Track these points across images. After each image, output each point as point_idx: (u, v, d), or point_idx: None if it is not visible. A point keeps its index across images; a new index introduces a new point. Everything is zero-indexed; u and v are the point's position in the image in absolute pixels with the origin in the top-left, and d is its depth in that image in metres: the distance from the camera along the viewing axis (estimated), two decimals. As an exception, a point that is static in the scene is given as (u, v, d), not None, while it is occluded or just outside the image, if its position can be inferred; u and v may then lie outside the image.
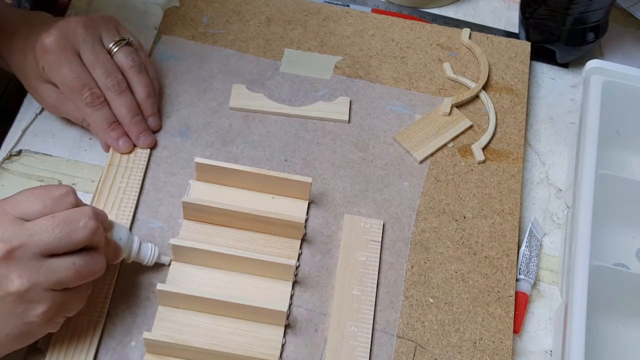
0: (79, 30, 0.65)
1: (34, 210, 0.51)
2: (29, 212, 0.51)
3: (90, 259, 0.53)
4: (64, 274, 0.51)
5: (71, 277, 0.52)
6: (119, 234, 0.58)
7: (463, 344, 0.62)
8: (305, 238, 0.66)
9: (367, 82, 0.77)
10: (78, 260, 0.52)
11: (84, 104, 0.65)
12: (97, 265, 0.53)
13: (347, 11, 0.82)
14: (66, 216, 0.51)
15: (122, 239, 0.58)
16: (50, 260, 0.51)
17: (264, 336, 0.60)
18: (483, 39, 0.82)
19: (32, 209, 0.51)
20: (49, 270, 0.50)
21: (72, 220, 0.51)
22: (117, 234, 0.57)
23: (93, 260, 0.53)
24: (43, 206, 0.52)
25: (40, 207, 0.52)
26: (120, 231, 0.58)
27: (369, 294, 0.63)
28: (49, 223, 0.51)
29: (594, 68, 0.71)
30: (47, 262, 0.51)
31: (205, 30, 0.78)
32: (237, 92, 0.74)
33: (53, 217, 0.51)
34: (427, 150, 0.72)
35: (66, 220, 0.51)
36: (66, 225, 0.51)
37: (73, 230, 0.51)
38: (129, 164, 0.68)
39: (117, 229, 0.58)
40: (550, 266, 0.69)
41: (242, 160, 0.70)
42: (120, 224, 0.58)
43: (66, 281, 0.51)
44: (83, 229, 0.51)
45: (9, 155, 0.68)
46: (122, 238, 0.58)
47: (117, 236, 0.57)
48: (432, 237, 0.67)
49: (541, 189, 0.73)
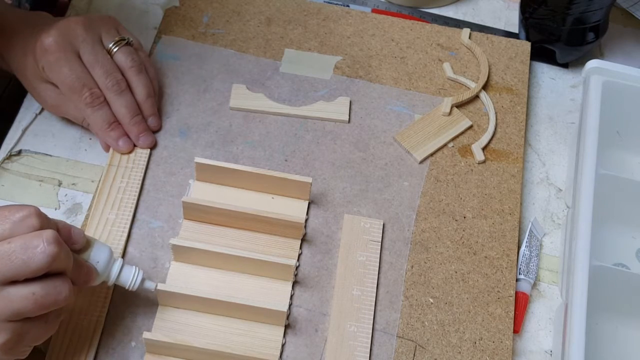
0: (79, 30, 0.65)
1: None
2: None
3: (53, 287, 0.49)
4: (22, 304, 0.48)
5: (30, 308, 0.48)
6: (97, 255, 0.54)
7: (463, 344, 0.62)
8: (305, 238, 0.66)
9: (367, 82, 0.77)
10: (38, 290, 0.48)
11: (83, 104, 0.65)
12: (61, 295, 0.49)
13: (347, 11, 0.82)
14: (23, 242, 0.48)
15: (99, 262, 0.54)
16: (8, 289, 0.48)
17: (264, 336, 0.60)
18: (483, 39, 0.82)
19: None
20: (6, 300, 0.47)
21: (29, 246, 0.47)
22: (95, 256, 0.54)
23: (55, 288, 0.49)
24: (1, 230, 0.48)
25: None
26: (100, 253, 0.54)
27: (369, 294, 0.63)
28: (4, 249, 0.47)
29: (594, 68, 0.71)
30: (4, 290, 0.48)
31: (205, 30, 0.78)
32: (237, 92, 0.74)
33: (9, 243, 0.47)
34: (427, 150, 0.72)
35: (22, 246, 0.47)
36: (22, 251, 0.47)
37: (30, 257, 0.47)
38: (129, 164, 0.68)
39: (96, 250, 0.54)
40: (550, 266, 0.69)
41: (242, 160, 0.70)
42: (101, 245, 0.55)
43: (25, 312, 0.48)
44: (41, 255, 0.47)
45: (9, 155, 0.68)
46: (100, 260, 0.54)
47: (95, 258, 0.54)
48: (432, 237, 0.67)
49: (541, 189, 0.73)
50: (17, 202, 0.66)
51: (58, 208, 0.66)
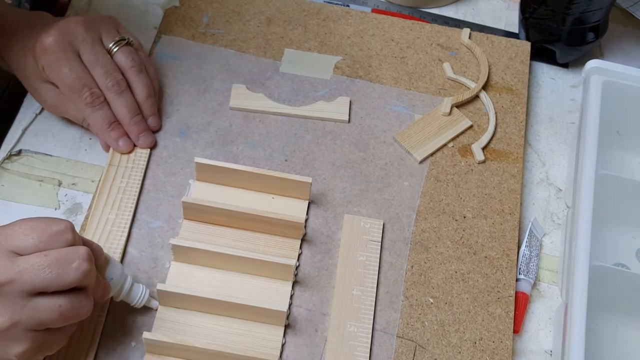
0: (79, 30, 0.65)
1: (28, 245, 0.49)
2: (22, 246, 0.49)
3: (77, 301, 0.50)
4: (48, 316, 0.49)
5: (55, 319, 0.50)
6: (112, 273, 0.56)
7: (463, 344, 0.62)
8: (305, 238, 0.66)
9: (367, 82, 0.77)
10: (64, 303, 0.49)
11: (83, 104, 0.65)
12: (84, 309, 0.51)
13: (347, 11, 0.82)
14: (59, 256, 0.49)
15: (113, 279, 0.56)
16: (36, 300, 0.49)
17: (264, 336, 0.60)
18: (483, 39, 0.82)
19: (25, 243, 0.49)
20: (33, 310, 0.49)
21: (65, 261, 0.49)
22: (110, 273, 0.55)
23: (80, 303, 0.50)
24: (38, 241, 0.49)
25: (34, 242, 0.49)
26: (114, 270, 0.56)
27: (369, 294, 0.63)
28: (41, 262, 0.48)
29: (594, 68, 0.71)
30: (32, 301, 0.48)
31: (205, 30, 0.78)
32: (237, 92, 0.74)
33: (45, 256, 0.49)
34: (427, 150, 0.72)
35: (59, 260, 0.49)
36: (58, 265, 0.49)
37: (64, 271, 0.49)
38: (129, 164, 0.68)
39: (111, 267, 0.56)
40: (550, 266, 0.69)
41: (242, 160, 0.70)
42: (115, 262, 0.56)
43: (49, 323, 0.50)
44: (75, 271, 0.49)
45: (9, 155, 0.68)
46: (114, 278, 0.56)
47: (109, 275, 0.55)
48: (432, 237, 0.67)
49: (541, 189, 0.73)
50: (17, 202, 0.66)
51: (58, 208, 0.66)
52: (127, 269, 0.63)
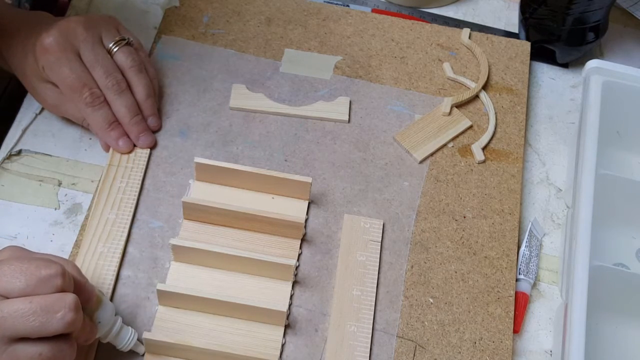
0: (79, 30, 0.65)
1: (14, 288, 0.47)
2: (8, 288, 0.47)
3: (59, 350, 0.48)
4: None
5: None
6: (101, 315, 0.54)
7: (463, 344, 0.62)
8: (305, 238, 0.66)
9: (367, 82, 0.77)
10: (46, 351, 0.48)
11: (83, 104, 0.65)
12: (65, 357, 0.49)
13: (347, 11, 0.82)
14: (45, 304, 0.47)
15: (101, 322, 0.54)
16: (16, 346, 0.47)
17: (264, 336, 0.60)
18: (483, 39, 0.82)
19: (12, 286, 0.47)
20: (12, 356, 0.47)
21: (51, 309, 0.47)
22: (99, 316, 0.54)
23: (62, 352, 0.49)
24: (25, 285, 0.47)
25: (22, 285, 0.47)
26: (104, 313, 0.54)
27: (369, 294, 0.63)
28: (25, 308, 0.46)
29: (594, 68, 0.71)
30: (12, 346, 0.47)
31: (205, 30, 0.78)
32: (237, 92, 0.74)
33: (30, 302, 0.47)
34: (427, 150, 0.72)
35: (44, 309, 0.47)
36: (42, 314, 0.47)
37: (48, 320, 0.47)
38: (129, 164, 0.68)
39: (102, 310, 0.54)
40: (550, 266, 0.69)
41: (242, 160, 0.70)
42: (106, 305, 0.54)
43: None
44: (59, 321, 0.47)
45: (9, 155, 0.68)
46: (102, 321, 0.54)
47: (99, 318, 0.53)
48: (432, 237, 0.67)
49: (541, 189, 0.73)
50: (17, 202, 0.66)
51: (58, 208, 0.66)
52: (127, 269, 0.63)
